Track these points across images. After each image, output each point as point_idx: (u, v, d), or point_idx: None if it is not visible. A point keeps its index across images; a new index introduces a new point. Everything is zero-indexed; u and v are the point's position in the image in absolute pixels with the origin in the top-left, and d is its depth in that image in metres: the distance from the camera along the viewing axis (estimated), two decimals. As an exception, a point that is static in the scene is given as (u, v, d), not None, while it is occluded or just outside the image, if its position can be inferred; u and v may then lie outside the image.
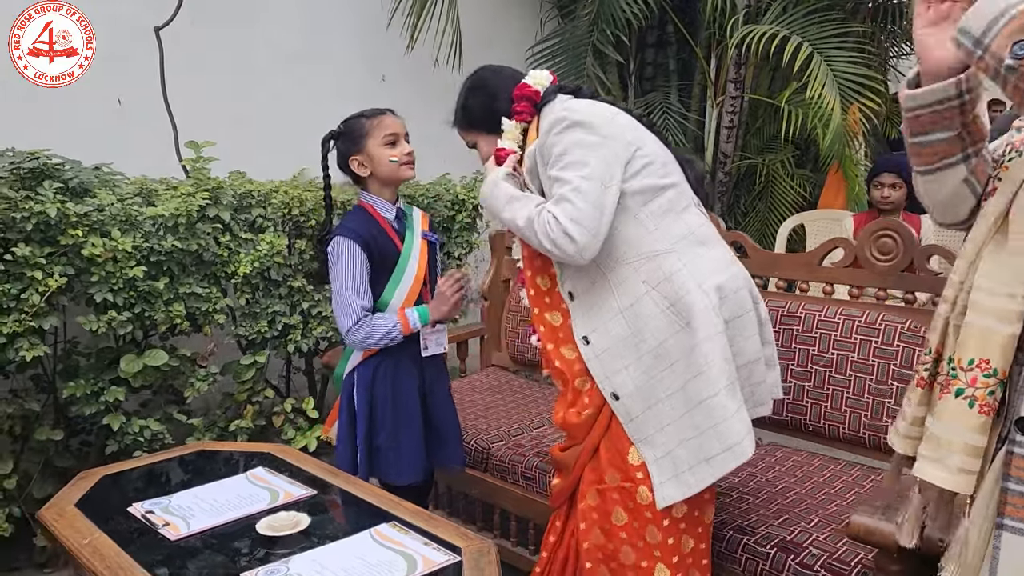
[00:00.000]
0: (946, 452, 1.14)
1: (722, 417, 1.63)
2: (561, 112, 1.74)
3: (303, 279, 2.96)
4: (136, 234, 2.50)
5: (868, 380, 2.18)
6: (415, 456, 2.18)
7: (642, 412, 1.72)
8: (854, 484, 2.14)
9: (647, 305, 1.71)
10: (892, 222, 2.24)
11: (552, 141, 1.73)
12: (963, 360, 1.12)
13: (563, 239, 1.66)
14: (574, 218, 1.66)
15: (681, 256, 1.71)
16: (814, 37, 4.11)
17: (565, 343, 1.86)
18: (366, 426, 2.17)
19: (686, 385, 1.66)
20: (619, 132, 1.73)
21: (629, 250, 1.73)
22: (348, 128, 2.18)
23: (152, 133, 3.21)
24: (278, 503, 1.89)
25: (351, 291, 2.11)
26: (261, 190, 2.89)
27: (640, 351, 1.72)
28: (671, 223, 1.74)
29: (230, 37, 3.63)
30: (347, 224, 2.16)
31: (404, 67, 4.12)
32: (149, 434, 2.63)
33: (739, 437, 1.63)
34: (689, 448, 1.66)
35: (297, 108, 3.84)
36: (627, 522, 1.78)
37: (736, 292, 1.73)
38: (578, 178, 1.68)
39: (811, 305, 2.33)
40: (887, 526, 1.51)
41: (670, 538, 1.74)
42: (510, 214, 1.79)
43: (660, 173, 1.75)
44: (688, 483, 1.67)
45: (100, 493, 1.98)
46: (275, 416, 3.04)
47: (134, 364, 2.52)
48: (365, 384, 2.19)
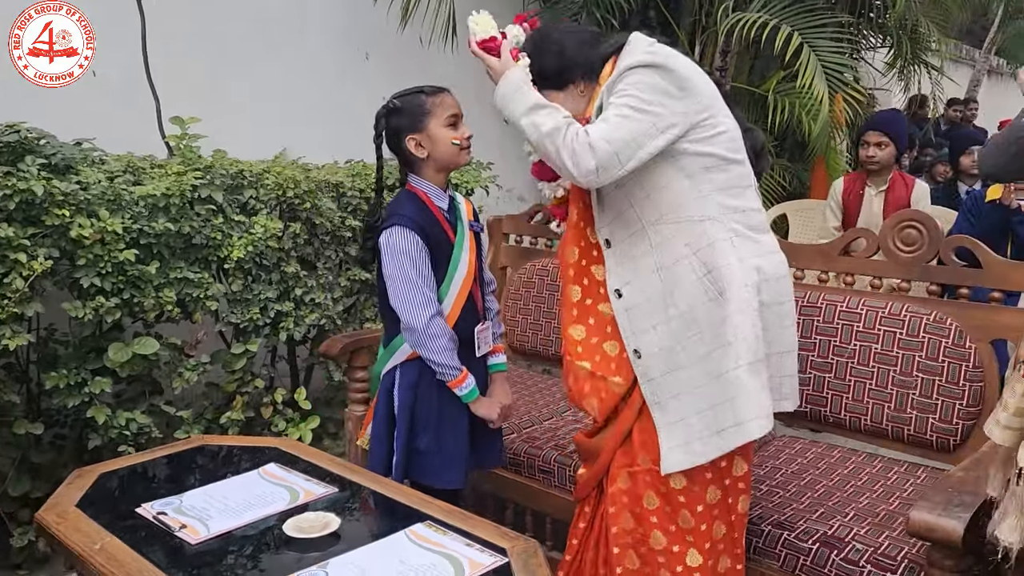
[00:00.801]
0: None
1: (738, 392, 1.60)
2: (644, 54, 1.64)
3: (296, 264, 2.83)
4: (125, 215, 2.35)
5: (892, 371, 2.16)
6: (459, 459, 2.06)
7: (661, 375, 1.68)
8: (879, 476, 2.13)
9: (684, 269, 1.66)
10: (917, 213, 2.22)
11: (624, 77, 1.63)
12: None
13: (585, 152, 1.57)
14: (606, 137, 1.57)
15: (727, 228, 1.65)
16: (801, 26, 4.11)
17: (605, 299, 1.79)
18: (406, 426, 2.03)
19: (710, 355, 1.63)
20: (698, 89, 1.64)
21: (678, 210, 1.67)
22: (407, 104, 1.99)
23: (131, 108, 3.03)
24: (299, 502, 1.78)
25: (424, 283, 1.97)
26: (253, 170, 2.74)
27: (669, 314, 1.67)
28: (727, 197, 1.67)
29: (211, 11, 3.45)
30: (402, 211, 1.99)
31: (389, 45, 3.99)
32: (135, 428, 2.49)
33: (751, 415, 1.60)
34: (703, 419, 1.64)
35: (279, 86, 3.69)
36: (659, 506, 1.74)
37: (778, 279, 1.69)
38: (629, 108, 1.59)
39: (832, 296, 2.30)
40: (948, 522, 1.48)
41: (703, 524, 1.72)
42: (532, 119, 1.64)
43: (732, 147, 1.68)
44: (696, 452, 1.64)
45: (101, 493, 1.85)
46: (264, 407, 2.91)
47: (122, 353, 2.37)
48: (409, 383, 2.05)
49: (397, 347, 2.08)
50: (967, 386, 2.05)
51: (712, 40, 4.49)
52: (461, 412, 2.07)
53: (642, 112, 1.58)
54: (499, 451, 2.26)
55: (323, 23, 3.84)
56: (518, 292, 3.03)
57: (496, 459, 2.26)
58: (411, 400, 2.04)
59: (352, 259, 3.01)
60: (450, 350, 2.00)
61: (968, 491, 1.55)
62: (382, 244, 1.99)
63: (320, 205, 2.85)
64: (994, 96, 10.44)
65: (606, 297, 1.78)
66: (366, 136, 2.06)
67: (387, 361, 2.09)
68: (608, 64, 1.76)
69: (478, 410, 2.09)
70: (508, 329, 3.06)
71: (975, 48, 10.43)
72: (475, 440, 2.12)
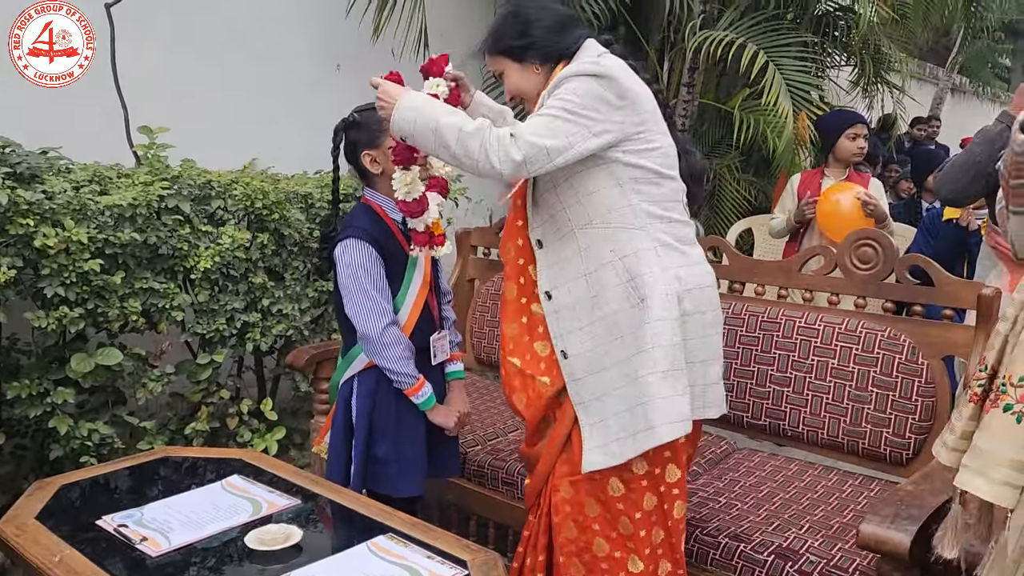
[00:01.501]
0: (991, 465, 1.15)
1: (651, 397, 1.64)
2: (588, 63, 1.67)
3: (264, 275, 2.83)
4: (90, 224, 2.34)
5: (848, 386, 2.21)
6: (416, 467, 2.09)
7: (585, 376, 1.73)
8: (835, 489, 2.17)
9: (609, 274, 1.70)
10: (872, 231, 2.28)
11: (564, 83, 1.67)
12: (1014, 376, 1.13)
13: (511, 145, 1.60)
14: (535, 132, 1.61)
15: (653, 238, 1.70)
16: (766, 45, 4.19)
17: (539, 300, 1.83)
18: (364, 436, 2.05)
19: (630, 359, 1.67)
20: (638, 103, 1.69)
21: (606, 216, 1.71)
22: (366, 120, 2.03)
23: (97, 116, 3.02)
24: (262, 514, 1.78)
25: (378, 293, 2.00)
26: (221, 180, 2.74)
27: (594, 316, 1.72)
28: (656, 208, 1.72)
29: (182, 19, 3.44)
30: (357, 224, 2.03)
31: (360, 57, 4.00)
32: (97, 438, 2.47)
33: (661, 420, 1.64)
34: (620, 420, 1.68)
35: (248, 96, 3.68)
36: (599, 513, 1.78)
37: (701, 289, 1.74)
38: (563, 111, 1.63)
39: (791, 311, 2.35)
40: (896, 535, 1.52)
41: (642, 530, 1.75)
42: (451, 120, 1.64)
43: (664, 164, 1.73)
44: (613, 453, 1.69)
45: (61, 504, 1.84)
46: (229, 418, 2.90)
47: (85, 363, 2.35)
48: (367, 392, 2.07)
49: (354, 357, 2.11)
50: (919, 401, 2.11)
51: (680, 57, 4.56)
52: (418, 420, 2.10)
53: (575, 115, 1.62)
54: (455, 460, 2.30)
55: (295, 34, 3.84)
56: (485, 304, 3.05)
57: (453, 468, 2.29)
58: (369, 408, 2.07)
59: (316, 274, 3.02)
60: (406, 358, 2.03)
61: (915, 504, 1.60)
62: (337, 256, 2.02)
63: (288, 216, 2.85)
64: (956, 114, 10.67)
65: (539, 298, 1.83)
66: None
67: (345, 370, 2.12)
68: (561, 64, 1.79)
69: (435, 418, 2.12)
70: (475, 341, 3.09)
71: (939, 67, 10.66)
72: (432, 449, 2.15)
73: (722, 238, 2.55)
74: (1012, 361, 1.15)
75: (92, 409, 2.63)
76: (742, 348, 2.39)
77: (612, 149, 1.67)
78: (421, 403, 2.08)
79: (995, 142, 2.30)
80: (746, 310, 2.42)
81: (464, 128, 1.64)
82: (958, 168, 2.45)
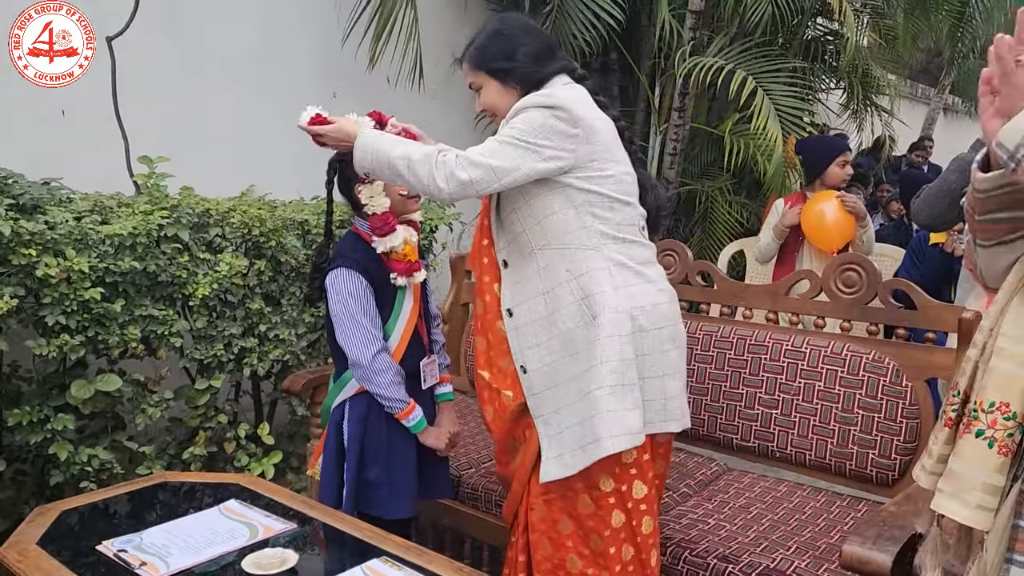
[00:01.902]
0: (965, 489, 1.19)
1: (597, 411, 1.69)
2: (544, 96, 1.76)
3: (261, 301, 2.88)
4: (91, 254, 2.39)
5: (835, 408, 2.26)
6: (408, 490, 2.13)
7: (543, 390, 1.80)
8: (823, 510, 2.21)
9: (565, 292, 1.77)
10: (856, 256, 2.33)
11: (520, 112, 1.75)
12: (984, 402, 1.17)
13: (460, 167, 1.69)
14: (483, 153, 1.71)
15: (606, 258, 1.77)
16: (756, 71, 4.27)
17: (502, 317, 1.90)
18: (356, 459, 2.10)
19: (582, 375, 1.73)
20: (592, 133, 1.76)
21: (562, 237, 1.78)
22: None
23: (98, 146, 3.07)
24: (258, 539, 1.82)
25: (369, 320, 2.06)
26: (219, 209, 2.80)
27: (551, 333, 1.79)
28: (611, 230, 1.79)
29: (181, 50, 3.51)
30: (347, 254, 2.09)
31: (357, 84, 4.07)
32: (97, 464, 2.50)
33: (607, 434, 1.69)
34: (573, 433, 1.74)
35: (246, 124, 3.74)
36: (572, 530, 1.83)
37: (656, 306, 1.79)
38: (513, 137, 1.71)
39: (778, 335, 2.40)
40: (878, 555, 1.56)
41: (612, 547, 1.79)
42: (402, 151, 1.75)
43: (619, 190, 1.80)
44: (567, 464, 1.74)
45: (62, 530, 1.87)
46: (226, 442, 2.93)
47: (86, 390, 2.39)
48: (358, 416, 2.12)
49: (346, 382, 2.16)
50: (904, 423, 2.15)
51: (671, 82, 4.64)
52: (409, 443, 2.15)
53: (524, 141, 1.71)
54: (447, 482, 2.33)
55: (292, 61, 3.91)
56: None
57: (444, 490, 2.33)
58: (360, 433, 2.12)
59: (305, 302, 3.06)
60: (396, 384, 2.08)
61: (897, 525, 1.64)
62: (328, 284, 2.08)
63: (285, 243, 2.90)
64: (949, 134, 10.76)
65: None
66: None
67: (337, 395, 2.17)
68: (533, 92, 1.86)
69: (426, 440, 2.16)
70: (469, 364, 3.12)
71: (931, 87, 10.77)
72: (423, 471, 2.19)
73: (711, 263, 2.60)
74: (983, 387, 1.19)
75: (91, 435, 2.66)
76: (731, 371, 2.43)
77: (566, 175, 1.75)
78: (412, 427, 2.13)
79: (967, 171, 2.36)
80: (735, 333, 2.46)
81: (412, 156, 1.74)
82: (934, 195, 2.51)
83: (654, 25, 4.58)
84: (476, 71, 1.92)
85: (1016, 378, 1.15)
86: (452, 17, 4.64)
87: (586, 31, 4.25)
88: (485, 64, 1.90)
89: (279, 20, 3.83)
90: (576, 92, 1.82)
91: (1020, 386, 1.14)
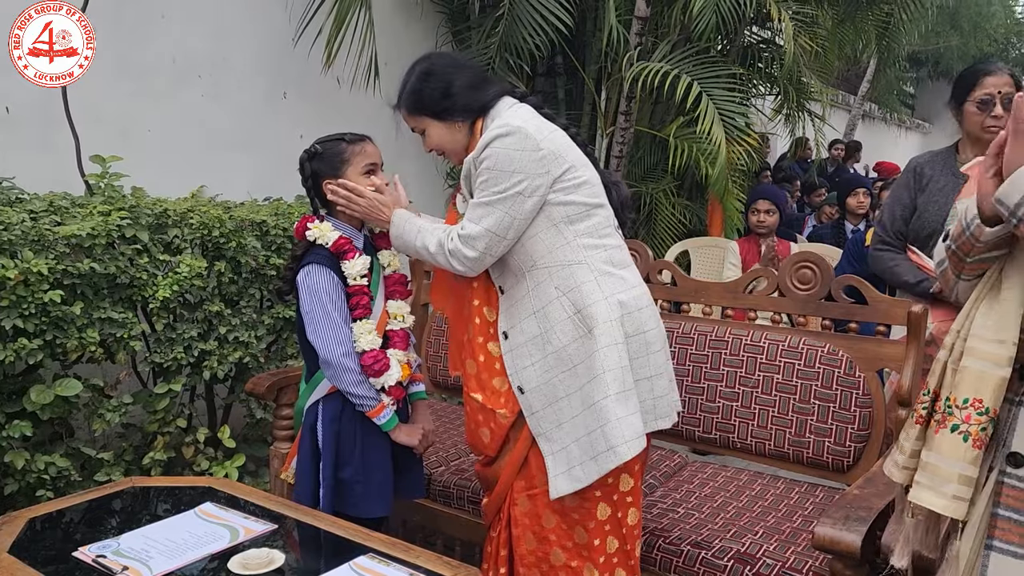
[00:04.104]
0: (942, 481, 1.28)
1: (607, 419, 1.75)
2: (499, 127, 1.80)
3: (220, 303, 2.84)
4: (48, 255, 2.32)
5: (792, 399, 2.36)
6: (384, 488, 2.14)
7: (542, 408, 1.83)
8: (783, 496, 2.31)
9: (556, 309, 1.82)
10: (811, 254, 2.44)
11: (485, 152, 1.80)
12: (959, 399, 1.27)
13: (464, 248, 1.83)
14: (479, 225, 1.80)
15: (592, 269, 1.83)
16: (698, 76, 4.40)
17: (494, 339, 1.94)
18: (332, 460, 2.10)
19: (584, 387, 1.78)
20: (556, 145, 1.82)
21: (547, 256, 1.84)
22: (327, 151, 2.11)
23: (47, 146, 2.98)
24: (240, 540, 1.81)
25: (339, 318, 2.06)
26: (177, 209, 2.75)
27: (546, 351, 1.83)
28: (592, 239, 1.85)
29: (130, 47, 3.43)
30: (318, 251, 2.10)
31: (307, 85, 4.04)
32: (55, 471, 2.44)
33: (621, 440, 1.74)
34: (581, 446, 1.78)
35: (195, 123, 3.67)
36: (556, 524, 1.87)
37: (639, 310, 1.86)
38: (493, 193, 1.79)
39: (737, 330, 2.50)
40: (848, 535, 1.65)
41: (596, 539, 1.85)
42: (422, 242, 1.92)
43: (592, 194, 1.86)
44: (578, 477, 1.78)
45: (33, 538, 1.83)
46: (185, 447, 2.88)
47: (45, 395, 2.33)
48: (332, 417, 2.12)
49: (318, 382, 2.16)
50: (857, 412, 2.27)
51: (617, 86, 4.73)
52: (384, 442, 2.17)
53: (503, 193, 1.78)
54: (421, 482, 2.35)
55: (242, 62, 3.86)
56: (440, 328, 3.12)
57: (418, 490, 2.34)
58: (335, 433, 2.12)
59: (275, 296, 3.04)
60: (364, 382, 2.09)
61: (863, 507, 1.73)
62: (300, 281, 2.09)
63: (246, 244, 2.87)
64: (867, 138, 11.26)
65: (494, 337, 1.93)
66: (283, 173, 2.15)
67: (309, 396, 2.17)
68: (479, 120, 1.92)
69: (398, 437, 2.17)
70: (430, 365, 3.14)
71: (851, 94, 11.24)
72: (399, 469, 2.21)
73: (671, 262, 2.68)
74: (956, 385, 1.28)
75: (41, 442, 2.58)
76: (692, 366, 2.52)
77: (547, 194, 1.81)
78: (383, 424, 2.14)
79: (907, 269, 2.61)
80: (695, 329, 2.55)
81: (429, 248, 1.90)
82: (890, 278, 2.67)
83: (600, 31, 4.67)
84: (416, 116, 1.96)
85: (988, 375, 1.24)
86: (402, 20, 4.65)
87: (535, 35, 4.31)
88: (423, 107, 1.93)
89: (228, 19, 3.77)
90: (524, 111, 1.88)
91: (992, 382, 1.24)
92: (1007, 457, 1.25)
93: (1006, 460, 1.25)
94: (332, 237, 2.09)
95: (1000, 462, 1.27)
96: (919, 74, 14.82)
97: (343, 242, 2.09)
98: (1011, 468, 1.25)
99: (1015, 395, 1.27)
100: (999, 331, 1.24)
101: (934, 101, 15.49)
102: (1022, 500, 1.24)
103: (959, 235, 1.31)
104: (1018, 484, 1.24)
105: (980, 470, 1.28)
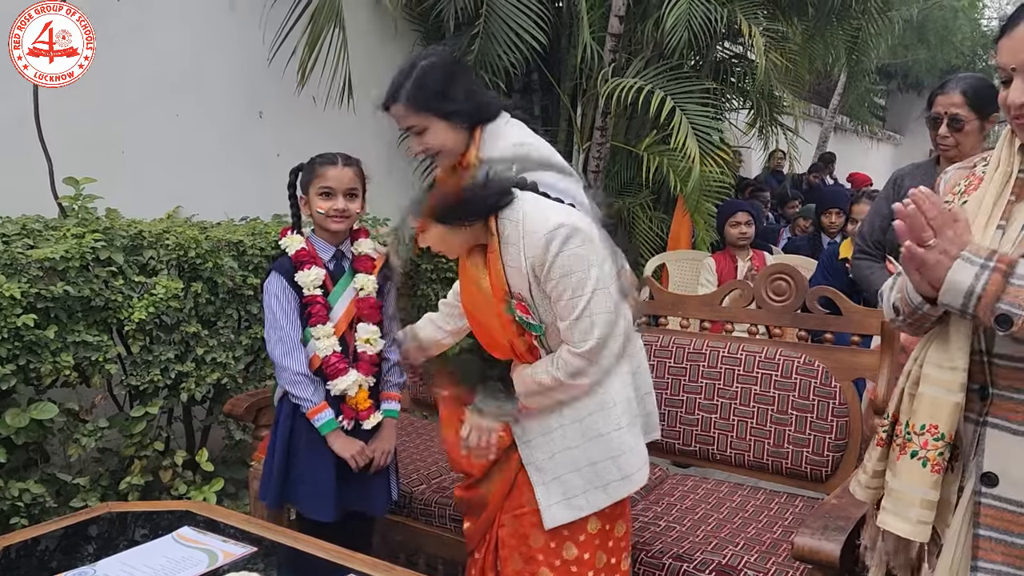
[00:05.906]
0: (905, 506, 1.31)
1: (621, 451, 1.76)
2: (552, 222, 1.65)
3: (197, 324, 2.82)
4: (21, 279, 2.30)
5: (770, 410, 2.38)
6: (327, 493, 2.17)
7: (535, 437, 1.82)
8: (763, 507, 2.32)
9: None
10: (786, 266, 2.47)
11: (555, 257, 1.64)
12: (916, 425, 1.30)
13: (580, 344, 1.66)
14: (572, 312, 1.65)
15: None
16: (672, 91, 4.46)
17: None
18: (283, 451, 2.20)
19: (586, 418, 1.77)
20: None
21: None
22: (305, 168, 2.23)
23: (18, 167, 2.95)
24: (219, 564, 1.78)
25: (286, 321, 2.15)
26: (152, 230, 2.73)
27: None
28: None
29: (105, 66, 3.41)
30: (281, 260, 2.21)
31: (283, 104, 4.04)
32: (29, 498, 2.40)
33: (635, 468, 1.78)
34: (584, 476, 1.77)
35: (171, 143, 3.66)
36: (544, 543, 1.85)
37: (635, 333, 1.88)
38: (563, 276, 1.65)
39: (715, 342, 2.51)
40: (827, 545, 1.66)
41: (586, 553, 1.84)
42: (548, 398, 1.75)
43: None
44: (579, 506, 1.78)
45: (8, 566, 1.80)
46: (162, 471, 2.84)
47: (20, 418, 2.29)
48: (287, 412, 2.21)
49: None
50: (835, 421, 2.29)
51: (592, 102, 4.78)
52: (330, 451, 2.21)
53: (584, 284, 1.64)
54: (383, 497, 2.31)
55: (217, 81, 3.85)
56: (420, 346, 3.11)
57: (377, 507, 2.32)
58: (289, 428, 2.21)
59: (253, 316, 3.04)
60: (302, 382, 2.16)
61: (841, 516, 1.75)
62: (263, 287, 2.22)
63: (222, 264, 2.85)
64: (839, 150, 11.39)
65: None
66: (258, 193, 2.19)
67: (276, 391, 2.28)
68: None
69: (332, 445, 2.19)
70: (409, 380, 3.13)
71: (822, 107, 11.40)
72: (351, 479, 2.20)
73: (649, 277, 2.70)
74: (914, 412, 1.31)
75: (15, 468, 2.54)
76: (671, 379, 2.53)
77: None
78: (320, 426, 2.18)
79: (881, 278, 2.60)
80: (673, 342, 2.57)
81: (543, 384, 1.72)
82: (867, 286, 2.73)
83: (575, 47, 4.71)
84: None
85: (942, 401, 1.27)
86: (377, 38, 4.66)
87: (510, 52, 4.34)
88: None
89: (203, 39, 3.77)
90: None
91: (946, 408, 1.27)
92: (981, 477, 1.27)
93: (980, 480, 1.27)
94: (294, 248, 2.19)
95: (972, 482, 1.29)
96: (889, 86, 15.05)
97: (302, 254, 2.19)
98: (986, 488, 1.27)
99: (978, 416, 1.29)
100: (951, 359, 1.27)
101: (904, 113, 15.76)
102: (1001, 519, 1.26)
103: (911, 314, 1.33)
104: (995, 503, 1.26)
105: (946, 490, 1.30)
